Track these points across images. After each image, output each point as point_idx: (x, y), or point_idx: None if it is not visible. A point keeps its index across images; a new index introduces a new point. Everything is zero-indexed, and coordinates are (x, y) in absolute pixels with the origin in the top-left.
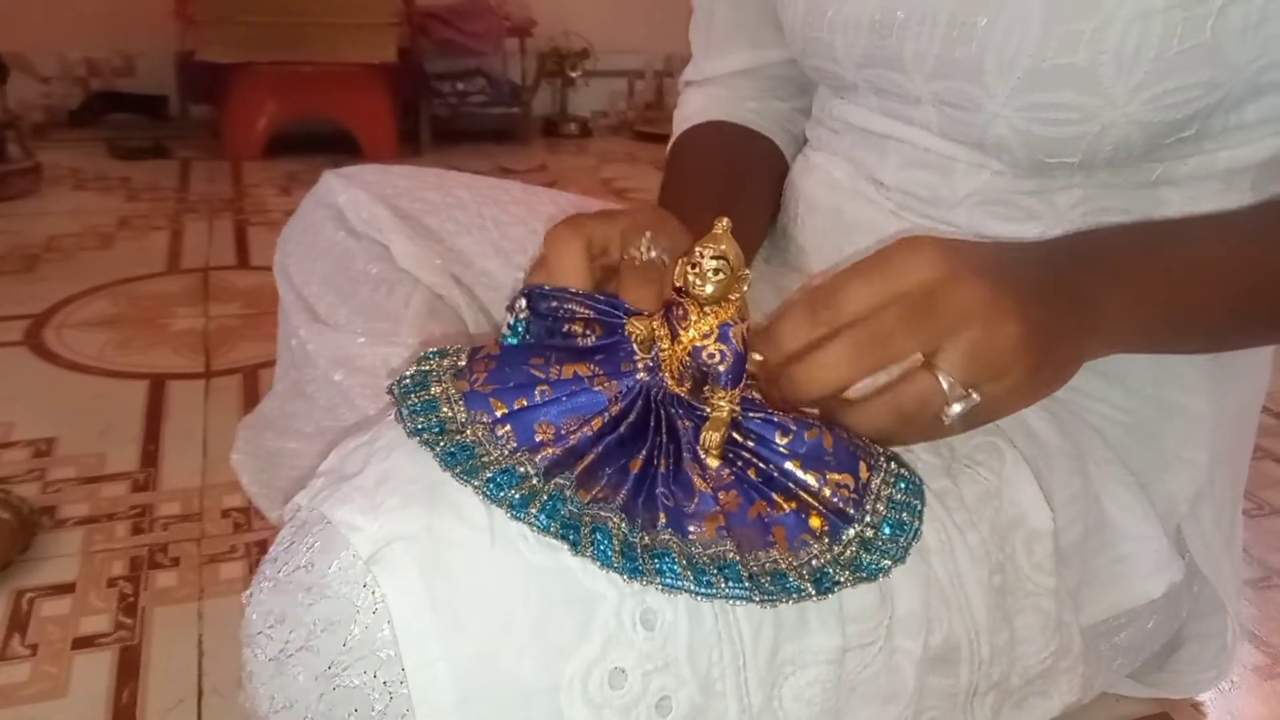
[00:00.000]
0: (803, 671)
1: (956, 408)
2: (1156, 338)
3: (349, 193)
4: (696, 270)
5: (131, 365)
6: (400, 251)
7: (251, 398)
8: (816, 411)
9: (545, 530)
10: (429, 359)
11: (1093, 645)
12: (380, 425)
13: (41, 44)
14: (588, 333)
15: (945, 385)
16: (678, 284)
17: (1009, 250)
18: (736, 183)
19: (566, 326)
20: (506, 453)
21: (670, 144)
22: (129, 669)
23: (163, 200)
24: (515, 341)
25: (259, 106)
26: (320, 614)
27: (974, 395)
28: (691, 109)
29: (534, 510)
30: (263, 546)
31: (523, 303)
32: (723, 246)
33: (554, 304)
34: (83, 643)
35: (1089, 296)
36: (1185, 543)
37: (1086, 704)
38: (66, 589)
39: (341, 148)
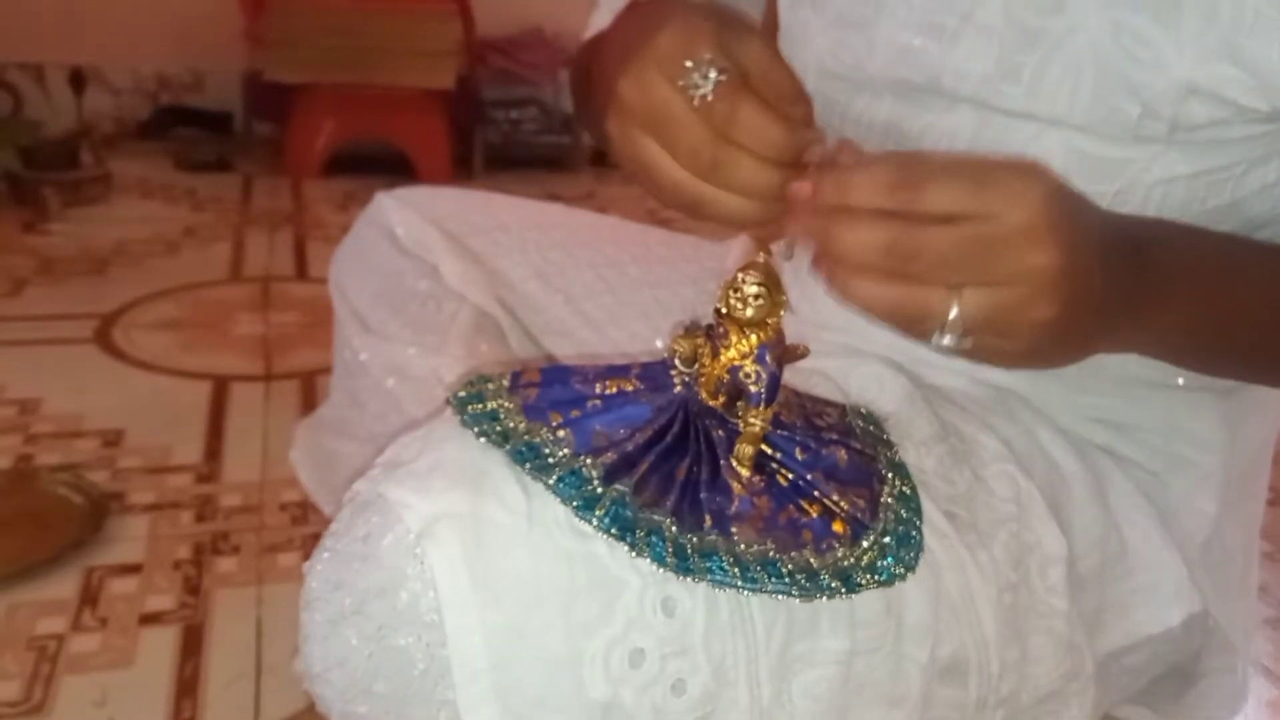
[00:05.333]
0: (811, 669)
1: (947, 339)
2: (1171, 354)
3: (401, 214)
4: (738, 295)
5: (195, 366)
6: (448, 271)
7: (310, 402)
8: (835, 433)
9: (607, 531)
10: (475, 383)
11: (1104, 668)
12: (435, 421)
13: (116, 58)
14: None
15: (952, 316)
16: (719, 307)
17: (1098, 219)
18: None
19: None
20: (570, 454)
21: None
22: (192, 645)
23: (226, 212)
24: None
25: (320, 126)
26: (373, 581)
27: (968, 341)
28: None
29: (599, 513)
30: (319, 540)
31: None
32: (764, 274)
33: None
34: (149, 619)
35: (1133, 300)
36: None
37: None
38: (134, 569)
39: (397, 170)
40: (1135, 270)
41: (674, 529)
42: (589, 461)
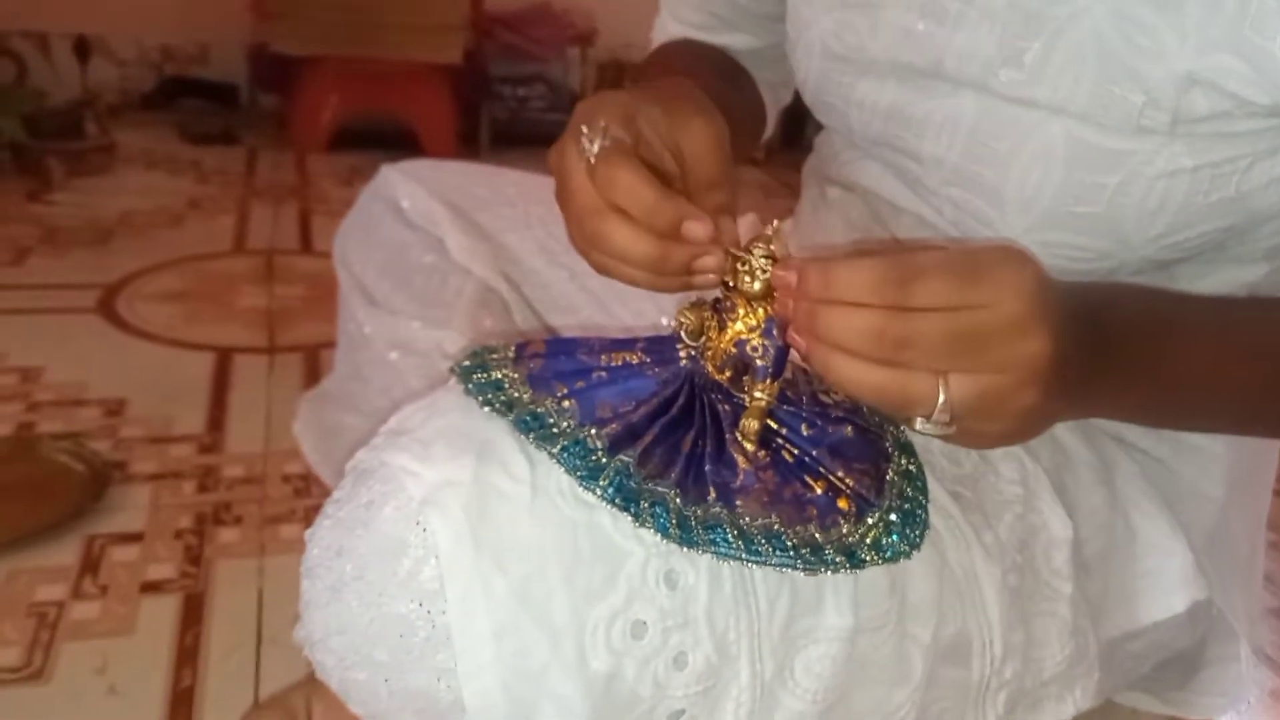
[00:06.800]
0: (815, 646)
1: (929, 428)
2: (1132, 419)
3: (406, 187)
4: (746, 267)
5: (198, 337)
6: (454, 245)
7: (313, 375)
8: (841, 410)
9: (611, 501)
10: (480, 353)
11: (1108, 653)
12: (440, 391)
13: (121, 28)
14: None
15: (940, 402)
16: (727, 280)
17: (1070, 300)
18: (728, 75)
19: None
20: (575, 425)
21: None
22: (193, 614)
23: (230, 185)
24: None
25: (325, 99)
26: (375, 547)
27: (951, 428)
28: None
29: (604, 483)
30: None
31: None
32: (772, 246)
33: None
34: (150, 587)
35: (1094, 375)
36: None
37: (1102, 715)
38: (135, 538)
39: (402, 145)
40: (1097, 346)
41: (678, 500)
42: (594, 432)
